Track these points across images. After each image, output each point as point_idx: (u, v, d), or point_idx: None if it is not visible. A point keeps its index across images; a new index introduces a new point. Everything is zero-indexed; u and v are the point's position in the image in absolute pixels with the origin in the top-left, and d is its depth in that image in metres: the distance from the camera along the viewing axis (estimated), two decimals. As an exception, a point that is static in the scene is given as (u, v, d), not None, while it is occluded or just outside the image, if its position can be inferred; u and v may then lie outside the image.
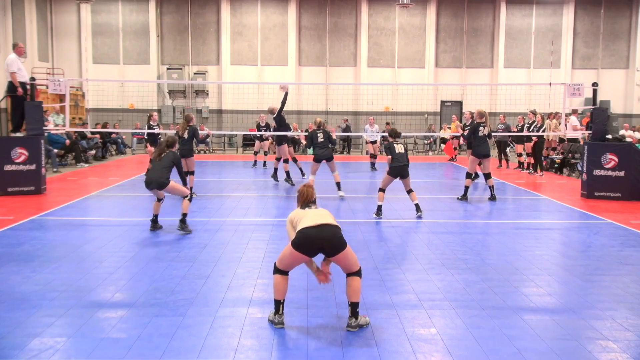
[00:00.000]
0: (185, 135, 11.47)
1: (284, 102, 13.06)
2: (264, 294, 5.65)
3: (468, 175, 11.67)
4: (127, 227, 8.96)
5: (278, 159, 14.15)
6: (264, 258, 6.97)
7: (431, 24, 26.39)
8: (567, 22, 26.57)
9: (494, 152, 20.49)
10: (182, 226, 8.30)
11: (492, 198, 11.41)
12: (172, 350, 4.32)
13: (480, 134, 11.59)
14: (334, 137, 12.21)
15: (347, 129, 25.17)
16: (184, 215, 8.32)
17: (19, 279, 6.00)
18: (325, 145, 11.79)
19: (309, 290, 5.73)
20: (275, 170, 14.08)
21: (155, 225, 8.52)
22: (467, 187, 11.56)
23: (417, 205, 9.68)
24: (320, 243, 4.61)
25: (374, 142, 18.69)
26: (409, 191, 9.79)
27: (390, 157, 9.63)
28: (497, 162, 18.90)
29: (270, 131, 16.82)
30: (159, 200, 8.58)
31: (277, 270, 4.86)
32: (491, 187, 11.59)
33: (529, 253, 7.50)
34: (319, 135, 11.83)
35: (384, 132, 13.81)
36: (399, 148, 9.74)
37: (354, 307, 4.73)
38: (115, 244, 7.68)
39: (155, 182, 8.27)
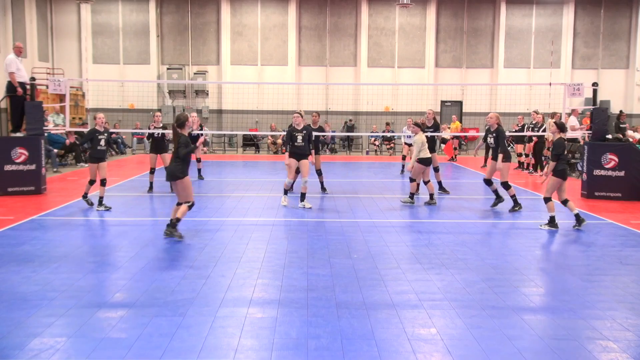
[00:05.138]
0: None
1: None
2: (264, 294, 5.65)
3: (508, 186, 10.33)
4: (127, 227, 8.96)
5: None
6: (264, 258, 6.97)
7: (431, 24, 26.38)
8: (567, 22, 26.55)
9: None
10: (170, 230, 7.75)
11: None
12: (172, 350, 4.32)
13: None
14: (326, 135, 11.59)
15: (350, 128, 25.19)
16: (177, 220, 7.74)
17: (19, 279, 6.00)
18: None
19: (309, 290, 5.73)
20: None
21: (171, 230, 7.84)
22: (513, 196, 10.38)
23: (578, 215, 8.87)
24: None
25: (410, 145, 17.34)
26: (566, 201, 8.84)
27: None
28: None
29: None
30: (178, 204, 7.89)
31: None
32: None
33: (529, 253, 7.50)
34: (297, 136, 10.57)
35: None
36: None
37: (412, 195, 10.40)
38: (115, 244, 7.68)
39: (167, 174, 7.80)
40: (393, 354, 4.30)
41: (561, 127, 9.09)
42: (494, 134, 10.32)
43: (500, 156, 10.23)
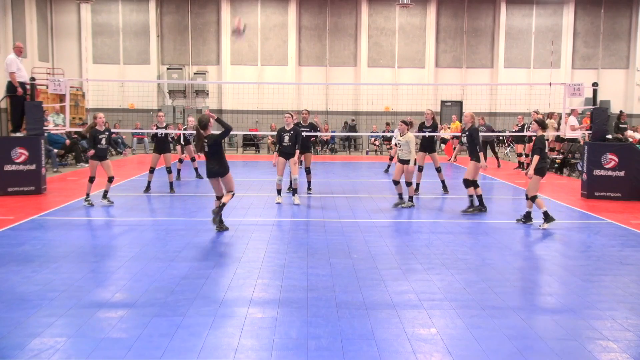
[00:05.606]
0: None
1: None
2: (264, 294, 5.65)
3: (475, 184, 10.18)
4: (128, 227, 8.96)
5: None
6: (264, 258, 6.97)
7: (431, 24, 26.38)
8: (567, 22, 26.56)
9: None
10: (217, 218, 8.28)
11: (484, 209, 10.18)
12: (172, 350, 4.32)
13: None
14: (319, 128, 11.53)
15: (352, 128, 25.20)
16: (223, 205, 8.31)
17: (19, 279, 6.00)
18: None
19: (309, 290, 5.73)
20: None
21: (220, 225, 8.41)
22: (471, 196, 10.18)
23: (529, 213, 9.15)
24: None
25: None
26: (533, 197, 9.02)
27: (538, 157, 8.89)
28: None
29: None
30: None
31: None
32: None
33: (529, 253, 7.50)
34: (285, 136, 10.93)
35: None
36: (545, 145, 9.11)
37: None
38: (115, 244, 7.68)
39: (211, 173, 8.36)
40: (393, 354, 4.30)
41: (542, 125, 9.27)
42: (467, 132, 10.31)
43: (479, 154, 10.02)
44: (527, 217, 9.19)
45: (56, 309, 5.14)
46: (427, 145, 12.42)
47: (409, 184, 10.58)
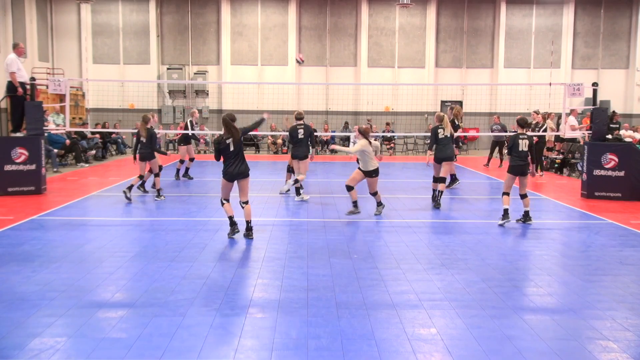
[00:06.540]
0: (143, 139, 11.53)
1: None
2: (264, 294, 5.65)
3: (436, 180, 10.90)
4: (127, 227, 8.96)
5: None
6: (264, 258, 6.97)
7: (431, 24, 26.37)
8: (567, 22, 26.54)
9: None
10: (250, 233, 8.02)
11: (437, 205, 10.56)
12: (172, 350, 4.32)
13: (440, 136, 10.89)
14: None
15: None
16: (248, 222, 8.04)
17: (19, 279, 6.00)
18: (305, 143, 11.29)
19: (309, 290, 5.73)
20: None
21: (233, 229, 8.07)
22: (439, 192, 10.67)
23: (527, 213, 9.17)
24: None
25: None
26: (523, 195, 9.24)
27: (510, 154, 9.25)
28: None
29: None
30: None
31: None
32: (439, 193, 10.70)
33: (529, 253, 7.50)
34: (299, 131, 11.36)
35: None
36: (523, 145, 9.16)
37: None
38: (115, 244, 7.68)
39: (240, 173, 7.95)
40: (393, 354, 4.30)
41: (520, 124, 9.58)
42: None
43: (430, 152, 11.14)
44: (526, 217, 9.20)
45: (56, 309, 5.14)
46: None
47: (350, 188, 9.91)
